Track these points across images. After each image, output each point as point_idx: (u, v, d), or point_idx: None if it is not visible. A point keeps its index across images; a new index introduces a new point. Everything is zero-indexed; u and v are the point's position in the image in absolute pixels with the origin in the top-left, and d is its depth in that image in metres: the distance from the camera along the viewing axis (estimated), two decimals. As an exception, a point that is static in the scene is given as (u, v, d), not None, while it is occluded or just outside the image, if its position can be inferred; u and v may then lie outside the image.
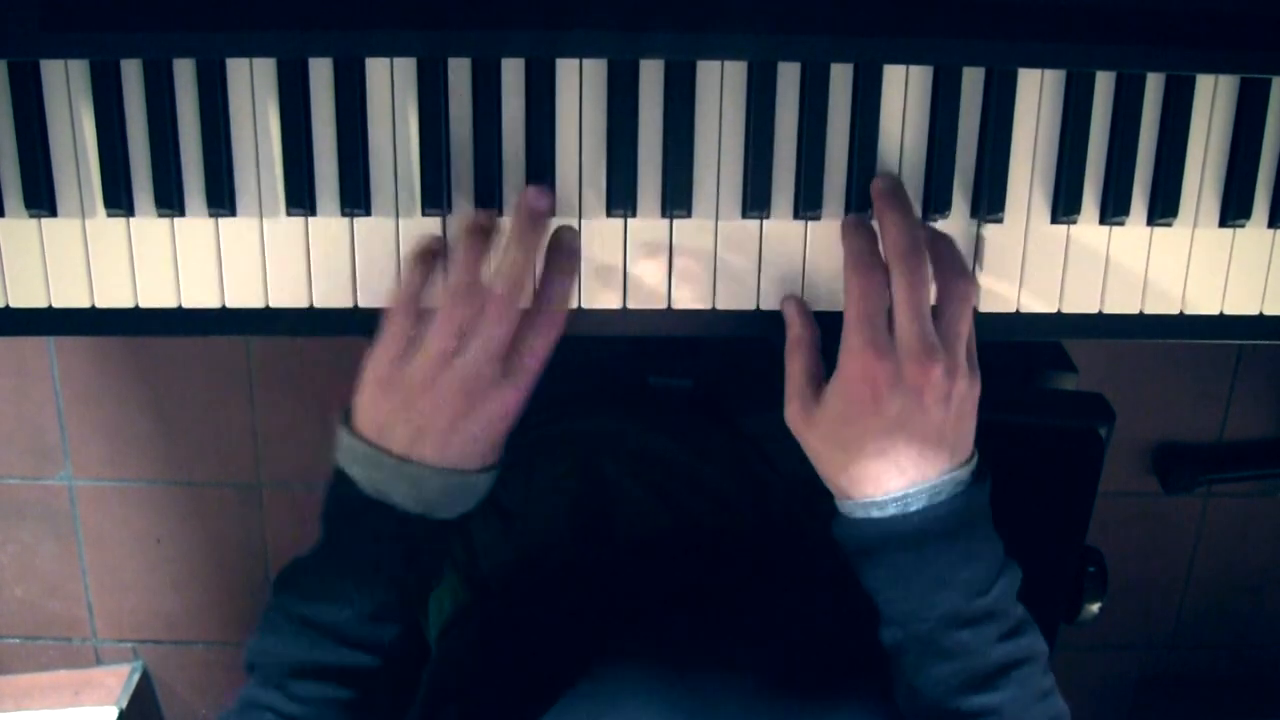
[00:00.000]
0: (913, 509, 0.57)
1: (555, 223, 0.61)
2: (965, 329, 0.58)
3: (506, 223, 0.60)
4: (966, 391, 0.58)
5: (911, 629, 0.58)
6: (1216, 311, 0.65)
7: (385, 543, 0.59)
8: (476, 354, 0.56)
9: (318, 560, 0.61)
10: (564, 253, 0.60)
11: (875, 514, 0.58)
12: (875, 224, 0.60)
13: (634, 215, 0.61)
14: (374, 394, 0.59)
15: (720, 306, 0.62)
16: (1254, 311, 0.65)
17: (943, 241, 0.60)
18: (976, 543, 0.59)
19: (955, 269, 0.59)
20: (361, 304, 0.62)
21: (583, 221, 0.61)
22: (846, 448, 0.59)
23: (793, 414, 0.61)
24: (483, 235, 0.58)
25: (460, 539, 0.79)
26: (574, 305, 0.60)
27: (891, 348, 0.57)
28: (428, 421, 0.58)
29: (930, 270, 0.58)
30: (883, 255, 0.59)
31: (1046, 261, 0.63)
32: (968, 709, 0.58)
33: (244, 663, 0.62)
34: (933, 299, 0.59)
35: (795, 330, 0.61)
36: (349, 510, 0.60)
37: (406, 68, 0.59)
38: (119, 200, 0.60)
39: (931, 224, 0.62)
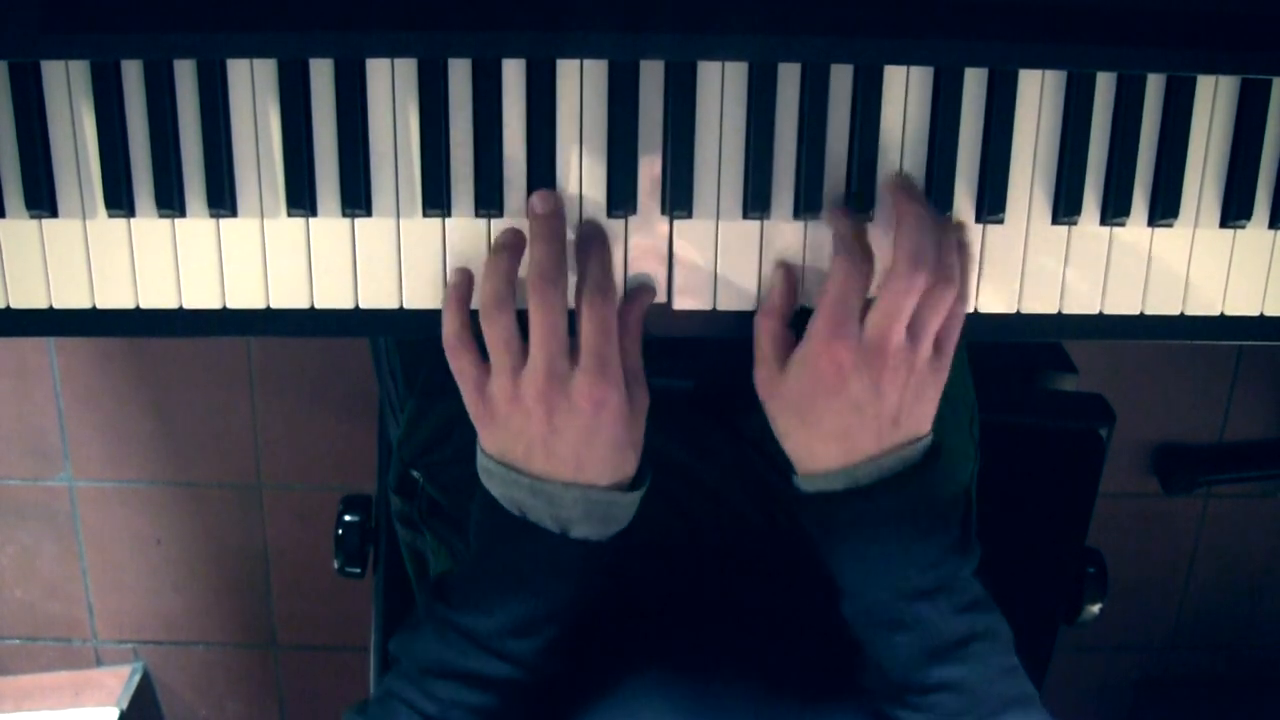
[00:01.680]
0: (864, 484, 0.59)
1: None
2: (936, 324, 0.59)
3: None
4: (928, 378, 0.59)
5: (868, 600, 0.60)
6: (1217, 312, 0.65)
7: (527, 558, 0.60)
8: (537, 353, 0.57)
9: (469, 569, 0.63)
10: (587, 244, 0.60)
11: (825, 487, 0.60)
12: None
13: (634, 215, 0.61)
14: (479, 426, 0.61)
15: (720, 307, 0.63)
16: (1254, 312, 0.65)
17: (947, 242, 0.60)
18: (932, 519, 0.60)
19: (949, 273, 0.58)
20: (362, 305, 0.62)
21: (583, 221, 0.61)
22: (804, 421, 0.60)
23: (761, 379, 0.61)
24: (508, 252, 0.59)
25: (461, 537, 0.79)
26: (619, 293, 0.60)
27: (859, 335, 0.57)
28: (529, 436, 0.59)
29: (923, 288, 0.58)
30: (866, 245, 0.59)
31: (1047, 262, 0.63)
32: (927, 682, 0.58)
33: (390, 656, 0.64)
34: None
35: (775, 297, 0.61)
36: (493, 525, 0.61)
37: (407, 68, 0.59)
38: (120, 201, 0.60)
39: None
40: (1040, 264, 0.63)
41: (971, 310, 0.63)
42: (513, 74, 0.59)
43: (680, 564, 0.75)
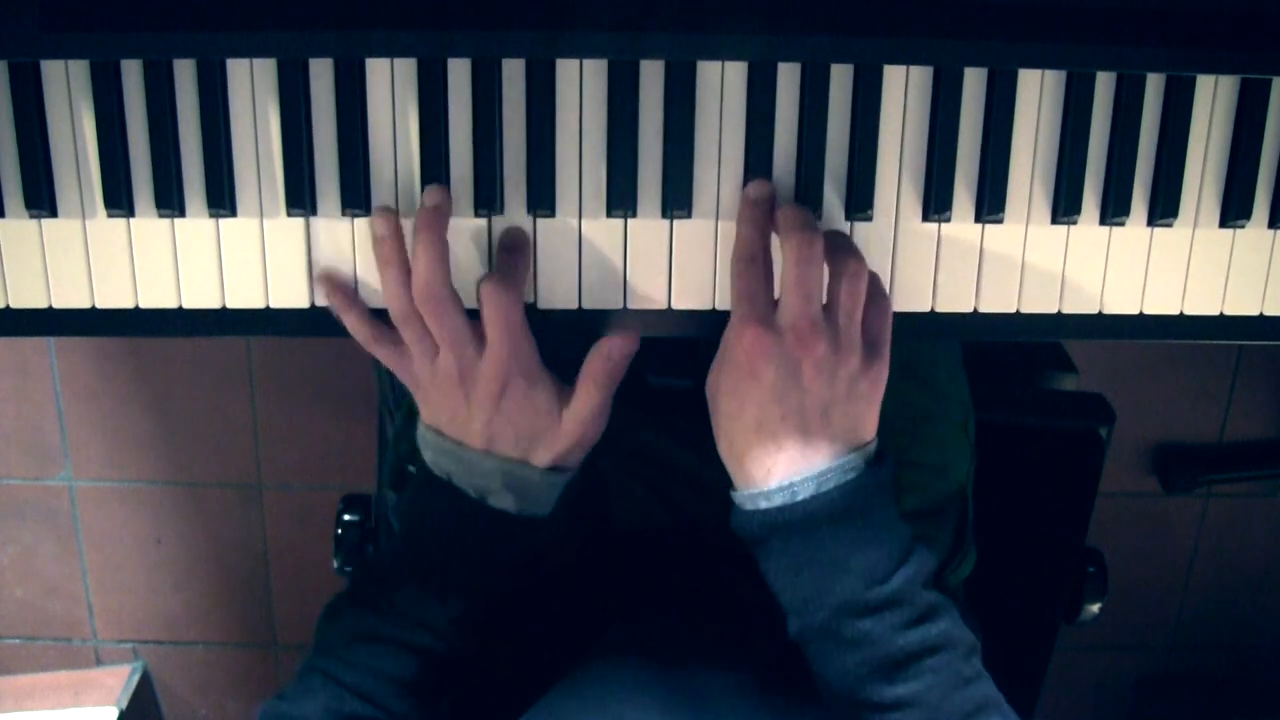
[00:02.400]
0: (800, 496, 0.57)
1: (556, 223, 0.61)
2: (856, 308, 0.58)
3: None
4: (859, 372, 0.58)
5: (809, 619, 0.58)
6: (1216, 312, 0.65)
7: (447, 523, 0.63)
8: (444, 351, 0.60)
9: (395, 541, 0.66)
10: (504, 239, 0.61)
11: (763, 504, 0.58)
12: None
13: (634, 215, 0.61)
14: (416, 399, 0.64)
15: (720, 307, 0.62)
16: (1254, 312, 0.65)
17: (839, 233, 0.61)
18: (873, 527, 0.57)
19: (845, 250, 0.58)
20: (369, 304, 0.62)
21: (583, 221, 0.61)
22: (734, 418, 0.59)
23: (708, 386, 0.61)
24: (395, 266, 0.59)
25: None
26: (520, 272, 0.61)
27: (773, 321, 0.57)
28: (450, 410, 0.62)
29: (820, 254, 0.58)
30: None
31: (1047, 262, 0.63)
32: (878, 700, 0.56)
33: (314, 640, 0.65)
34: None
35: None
36: (421, 490, 0.65)
37: (407, 68, 0.59)
38: (119, 200, 0.60)
39: (934, 225, 0.62)
40: (1040, 264, 0.63)
41: (971, 310, 0.63)
42: (513, 74, 0.59)
43: (678, 561, 0.76)
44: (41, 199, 0.60)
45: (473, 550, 0.63)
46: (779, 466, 0.58)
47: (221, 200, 0.60)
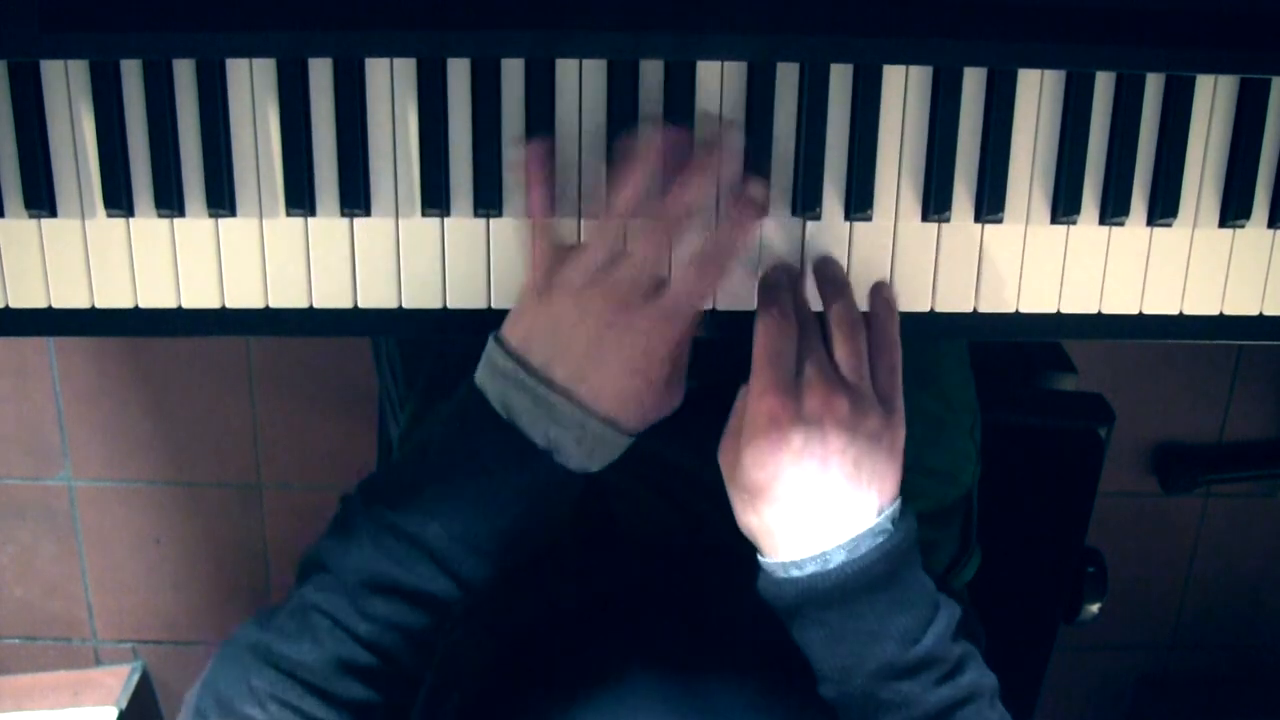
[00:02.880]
0: (833, 565, 0.56)
1: (558, 223, 0.61)
2: (862, 364, 0.58)
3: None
4: (879, 429, 0.58)
5: (847, 685, 0.57)
6: (1216, 312, 0.65)
7: (504, 469, 0.57)
8: (625, 271, 0.56)
9: (419, 470, 0.58)
10: (742, 201, 0.59)
11: (795, 573, 0.57)
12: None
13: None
14: (525, 301, 0.58)
15: (720, 307, 0.62)
16: (1254, 312, 0.65)
17: (835, 295, 0.60)
18: (905, 589, 0.57)
19: (847, 313, 0.59)
20: (361, 304, 0.62)
21: (583, 222, 0.61)
22: (760, 491, 0.58)
23: (723, 454, 0.60)
24: (658, 159, 0.57)
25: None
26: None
27: (795, 385, 0.57)
28: (569, 335, 0.56)
29: (814, 321, 0.59)
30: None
31: (1046, 262, 0.63)
32: None
33: (303, 564, 0.58)
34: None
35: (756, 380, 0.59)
36: (472, 423, 0.57)
37: (406, 68, 0.59)
38: (119, 200, 0.60)
39: (933, 225, 0.62)
40: (1039, 264, 0.63)
41: (971, 310, 0.63)
42: (512, 74, 0.59)
43: (680, 563, 0.75)
44: (41, 199, 0.60)
45: (531, 506, 0.58)
46: (810, 535, 0.57)
47: (221, 200, 0.60)
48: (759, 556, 0.60)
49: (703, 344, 0.64)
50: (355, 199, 0.60)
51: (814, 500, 0.57)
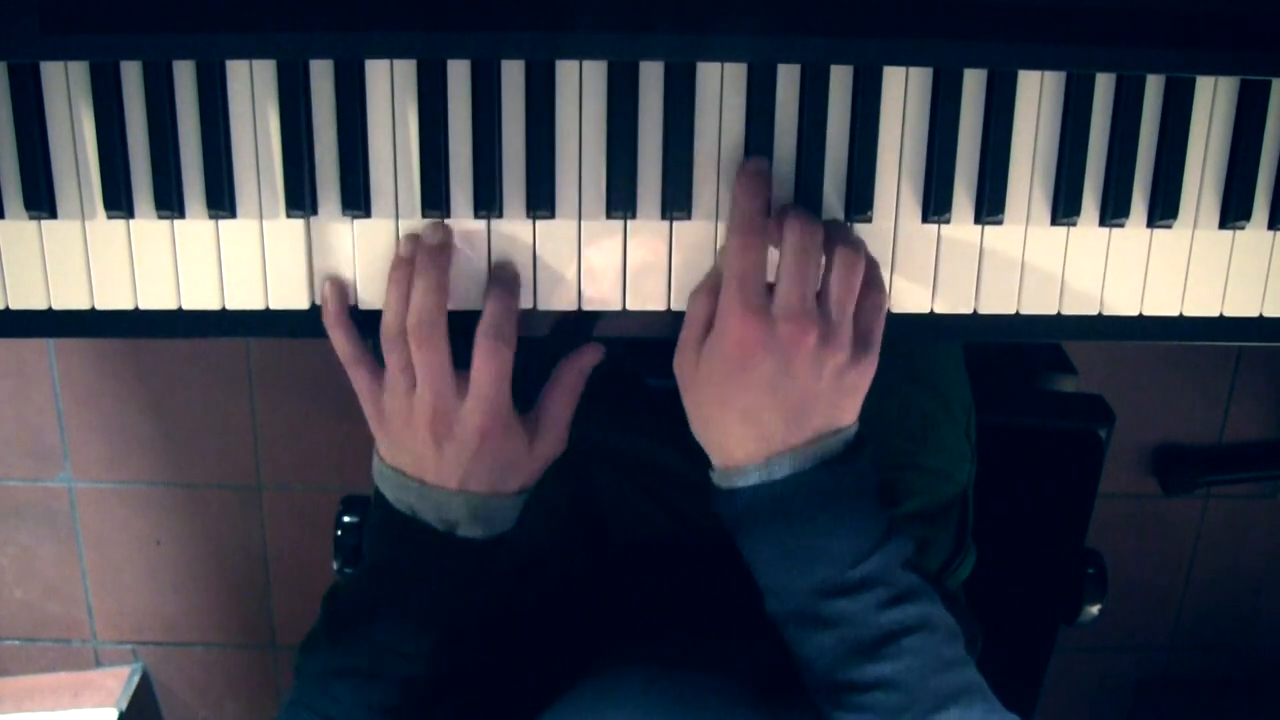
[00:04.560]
0: (777, 476, 0.57)
1: (556, 224, 0.61)
2: (849, 301, 0.57)
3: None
4: (847, 365, 0.57)
5: (788, 598, 0.58)
6: (1216, 313, 0.65)
7: (415, 557, 0.62)
8: (424, 388, 0.59)
9: (363, 570, 0.65)
10: (496, 281, 0.60)
11: (739, 483, 0.58)
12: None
13: (634, 217, 0.61)
14: (374, 427, 0.63)
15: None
16: (1254, 313, 0.65)
17: (840, 224, 0.60)
18: (852, 512, 0.58)
19: (843, 241, 0.58)
20: (361, 306, 0.62)
21: (583, 223, 0.61)
22: (717, 405, 0.58)
23: (680, 363, 0.60)
24: (402, 284, 0.59)
25: None
26: (516, 324, 0.60)
27: (768, 309, 0.56)
28: (417, 452, 0.61)
29: (819, 244, 0.58)
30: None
31: (1046, 263, 0.63)
32: (860, 681, 0.57)
33: (295, 668, 0.65)
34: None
35: (711, 279, 0.60)
36: (386, 524, 0.63)
37: (406, 70, 0.59)
38: (119, 202, 0.60)
39: (933, 226, 0.62)
40: (1039, 265, 0.63)
41: (971, 312, 0.63)
42: (512, 75, 0.59)
43: (672, 564, 0.75)
44: (41, 200, 0.60)
45: (445, 579, 0.62)
46: (756, 447, 0.58)
47: (221, 201, 0.60)
48: (709, 471, 0.61)
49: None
50: (355, 200, 0.60)
51: (766, 420, 0.57)
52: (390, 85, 0.59)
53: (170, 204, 0.60)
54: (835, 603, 0.57)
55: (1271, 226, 0.64)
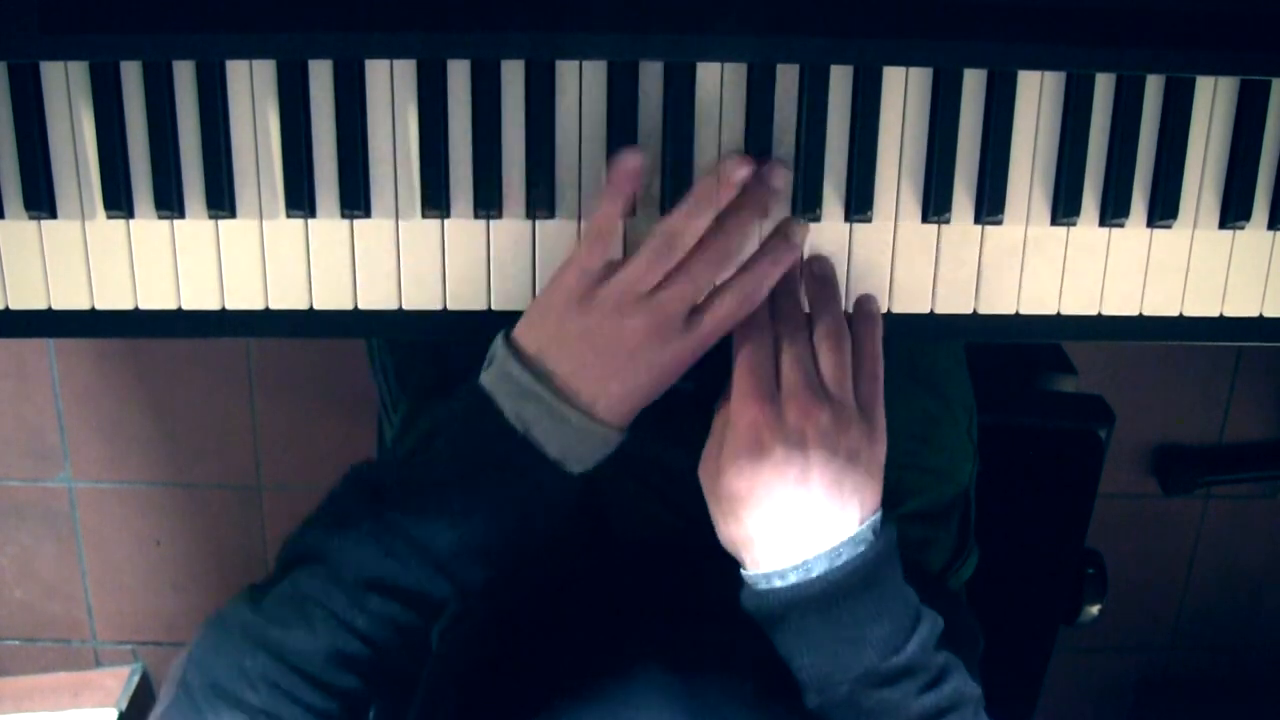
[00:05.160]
0: (815, 573, 0.57)
1: (556, 224, 0.61)
2: (845, 377, 0.58)
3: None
4: (860, 443, 0.58)
5: (830, 693, 0.58)
6: (1216, 313, 0.65)
7: (515, 479, 0.57)
8: (672, 295, 0.56)
9: (427, 474, 0.58)
10: (783, 242, 0.60)
11: (778, 583, 0.58)
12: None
13: (633, 217, 0.61)
14: (558, 306, 0.57)
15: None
16: (1254, 313, 0.65)
17: (824, 300, 0.61)
18: (887, 599, 0.58)
19: (834, 322, 0.59)
20: (361, 306, 0.62)
21: (583, 223, 0.61)
22: (739, 502, 0.58)
23: (704, 473, 0.60)
24: (728, 188, 0.58)
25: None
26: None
27: (776, 395, 0.57)
28: (600, 352, 0.56)
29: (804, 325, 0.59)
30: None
31: (1046, 263, 0.63)
32: None
33: (296, 550, 0.58)
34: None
35: (732, 388, 0.60)
36: (482, 432, 0.57)
37: (406, 70, 0.59)
38: (119, 202, 0.60)
39: (933, 226, 0.62)
40: (1039, 265, 0.63)
41: (970, 312, 0.63)
42: (512, 75, 0.59)
43: (678, 565, 0.75)
44: (41, 200, 0.60)
45: (541, 514, 0.59)
46: (791, 545, 0.57)
47: (221, 202, 0.60)
48: (741, 571, 0.60)
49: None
50: (355, 200, 0.60)
51: (795, 510, 0.57)
52: (390, 85, 0.59)
53: (170, 204, 0.60)
54: (877, 693, 0.57)
55: (1271, 226, 0.64)
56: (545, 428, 0.56)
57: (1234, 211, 0.63)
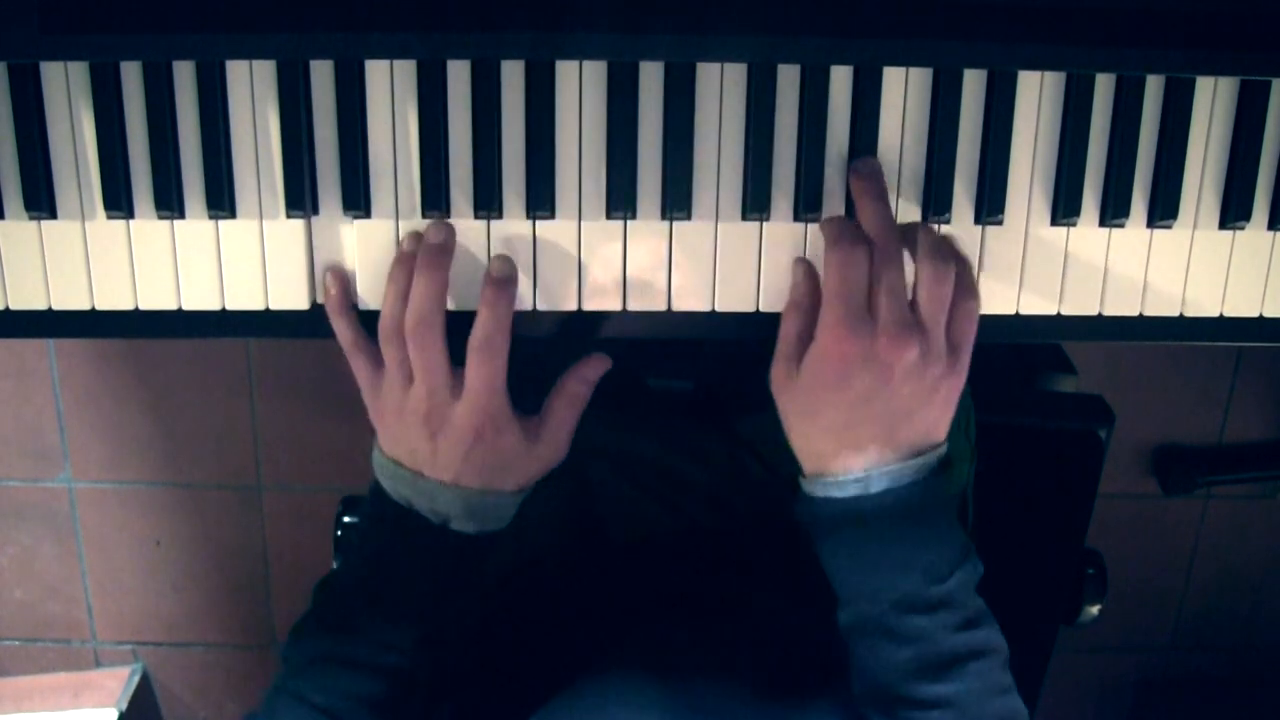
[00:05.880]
0: (874, 490, 0.58)
1: (556, 225, 0.61)
2: (941, 312, 0.58)
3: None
4: (942, 378, 0.58)
5: (866, 610, 0.59)
6: (1216, 314, 0.65)
7: (408, 548, 0.62)
8: (419, 385, 0.59)
9: (355, 560, 0.64)
10: (492, 282, 0.60)
11: (836, 493, 0.59)
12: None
13: (634, 217, 0.61)
14: (374, 417, 0.63)
15: (720, 308, 0.62)
16: (1254, 314, 0.65)
17: (928, 231, 0.60)
18: (938, 529, 0.59)
19: (933, 252, 0.58)
20: (361, 305, 0.62)
21: (583, 223, 0.61)
22: (815, 418, 0.59)
23: (776, 376, 0.60)
24: (402, 281, 0.59)
25: None
26: (509, 333, 0.60)
27: (868, 324, 0.57)
28: (412, 445, 0.61)
29: (906, 253, 0.58)
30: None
31: (1046, 263, 0.63)
32: (920, 697, 0.57)
33: (281, 658, 0.64)
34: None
35: (798, 293, 0.61)
36: (380, 514, 0.63)
37: (406, 70, 0.59)
38: (119, 202, 0.60)
39: (932, 226, 0.62)
40: (1039, 265, 0.63)
41: (971, 311, 0.63)
42: (512, 75, 0.59)
43: (674, 565, 0.76)
44: (41, 201, 0.60)
45: (436, 573, 0.62)
46: (855, 460, 0.58)
47: (221, 202, 0.60)
48: (799, 478, 0.61)
49: (701, 346, 0.64)
50: (355, 201, 0.60)
51: (865, 434, 0.58)
52: (390, 85, 0.59)
53: (170, 204, 0.60)
54: (913, 619, 0.57)
55: (1271, 227, 0.64)
56: (420, 501, 0.62)
57: (1234, 212, 0.63)
